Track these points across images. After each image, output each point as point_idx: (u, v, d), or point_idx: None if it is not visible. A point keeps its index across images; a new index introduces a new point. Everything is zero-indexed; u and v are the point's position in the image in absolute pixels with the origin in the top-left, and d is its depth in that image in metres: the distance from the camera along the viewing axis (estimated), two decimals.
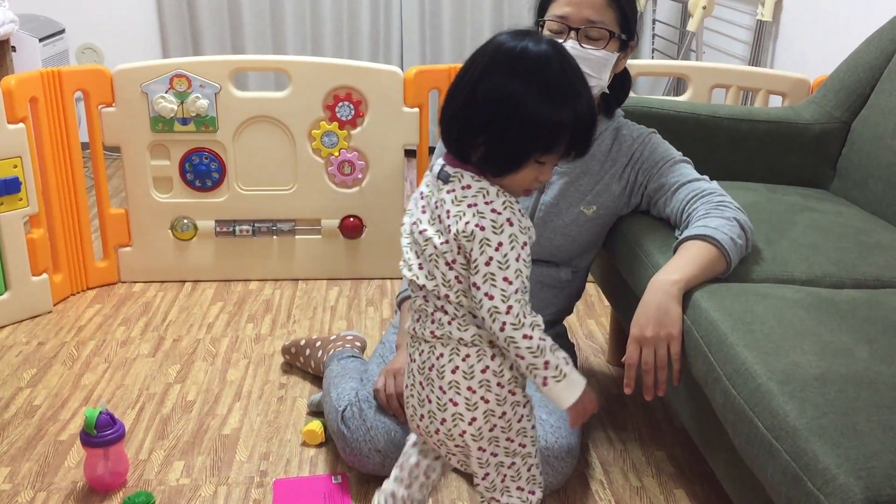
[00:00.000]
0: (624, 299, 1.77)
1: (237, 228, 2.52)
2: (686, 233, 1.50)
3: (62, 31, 3.42)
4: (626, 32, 1.59)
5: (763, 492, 1.15)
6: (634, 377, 1.42)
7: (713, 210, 1.53)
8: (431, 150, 2.60)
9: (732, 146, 1.99)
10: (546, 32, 1.59)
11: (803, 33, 2.77)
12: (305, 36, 3.79)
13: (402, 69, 3.34)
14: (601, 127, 1.70)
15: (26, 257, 2.25)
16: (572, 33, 1.55)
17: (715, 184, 1.63)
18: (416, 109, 2.43)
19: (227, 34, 3.72)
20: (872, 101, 1.94)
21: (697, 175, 1.65)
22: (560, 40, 1.54)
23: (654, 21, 3.71)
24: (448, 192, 1.13)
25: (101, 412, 1.58)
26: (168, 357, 2.12)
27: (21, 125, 2.16)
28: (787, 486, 1.03)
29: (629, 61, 1.71)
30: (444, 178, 1.14)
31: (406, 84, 2.41)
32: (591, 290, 2.48)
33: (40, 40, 3.17)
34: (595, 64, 1.56)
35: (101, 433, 1.58)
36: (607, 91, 1.65)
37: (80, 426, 1.78)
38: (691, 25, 3.00)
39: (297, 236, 2.54)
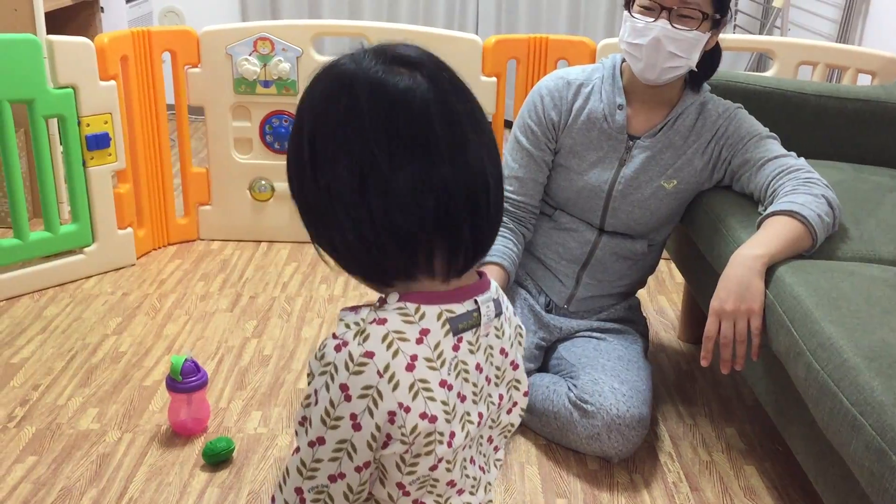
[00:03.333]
0: (701, 275, 1.76)
1: None
2: (772, 208, 1.49)
3: None
4: (719, 11, 1.56)
5: (842, 466, 1.14)
6: (712, 350, 1.42)
7: (801, 186, 1.51)
8: (507, 123, 2.60)
9: (819, 124, 1.95)
10: (636, 10, 1.57)
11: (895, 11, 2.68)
12: (381, 2, 3.81)
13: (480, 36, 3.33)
14: (686, 101, 1.68)
15: (113, 211, 2.33)
16: (664, 13, 1.53)
17: (803, 160, 1.60)
18: (494, 79, 2.43)
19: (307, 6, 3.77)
20: None
21: (784, 151, 1.63)
22: (651, 19, 1.53)
23: None
24: (506, 321, 0.81)
25: (186, 360, 1.65)
26: (245, 313, 2.19)
27: (112, 82, 2.23)
28: (870, 461, 1.02)
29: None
30: (499, 309, 0.79)
31: (485, 53, 2.41)
32: (663, 266, 2.46)
33: (127, 1, 3.25)
34: (685, 45, 1.55)
35: (186, 379, 1.64)
36: (695, 68, 1.63)
37: (164, 373, 1.86)
38: (777, 1, 2.93)
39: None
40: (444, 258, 0.72)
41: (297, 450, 0.74)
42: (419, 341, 0.71)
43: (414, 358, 0.70)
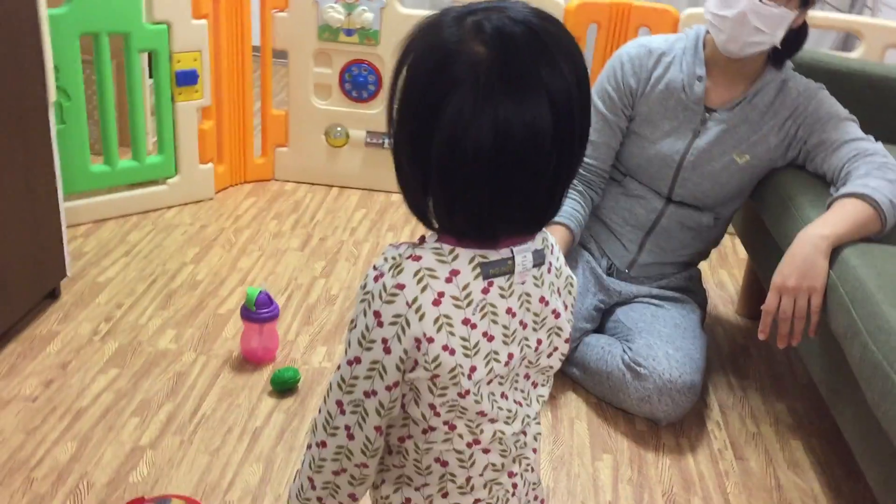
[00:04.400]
0: (766, 251, 1.78)
1: (386, 141, 2.63)
2: (843, 190, 1.50)
3: None
4: None
5: (888, 446, 1.18)
6: (770, 324, 1.45)
7: (875, 171, 1.52)
8: None
9: None
10: None
11: None
12: None
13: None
14: (767, 77, 1.69)
15: (196, 146, 2.43)
16: None
17: (880, 145, 1.60)
18: None
19: None
20: None
21: (863, 135, 1.62)
22: None
23: None
24: (548, 270, 0.83)
25: (260, 292, 1.74)
26: (314, 253, 2.28)
27: (204, 21, 2.31)
28: None
29: (798, 12, 1.65)
30: (540, 260, 0.81)
31: (567, 15, 2.42)
32: (727, 241, 2.47)
33: None
34: (771, 20, 1.54)
35: (260, 310, 1.73)
36: (779, 46, 1.62)
37: (237, 303, 1.97)
38: None
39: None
40: None
41: (339, 367, 0.81)
42: (448, 280, 0.76)
43: (441, 294, 0.75)
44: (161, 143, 2.38)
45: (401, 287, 0.75)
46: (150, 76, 2.47)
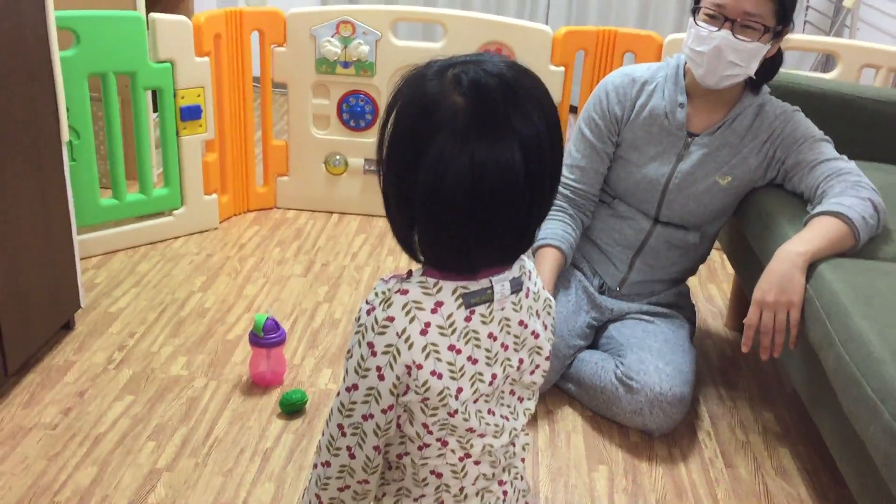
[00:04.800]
0: (749, 267, 1.86)
1: None
2: (819, 208, 1.58)
3: None
4: (781, 23, 1.64)
5: (863, 450, 1.25)
6: (752, 337, 1.53)
7: (849, 189, 1.60)
8: (573, 108, 2.70)
9: (875, 127, 2.02)
10: (701, 18, 1.66)
11: None
12: None
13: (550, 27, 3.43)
14: (745, 102, 1.78)
15: (201, 178, 2.52)
16: (727, 23, 1.62)
17: (853, 164, 1.69)
18: (562, 68, 2.54)
19: None
20: None
21: (837, 154, 1.71)
22: (714, 28, 1.63)
23: None
24: (525, 295, 0.92)
25: (267, 318, 1.82)
26: (318, 279, 2.36)
27: (206, 58, 2.40)
28: (886, 444, 1.13)
29: None
30: (517, 287, 0.90)
31: (554, 43, 2.52)
32: (715, 256, 2.55)
33: None
34: (745, 54, 1.64)
35: (267, 335, 1.81)
36: (753, 77, 1.71)
37: (245, 329, 2.04)
38: (848, 2, 2.96)
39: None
40: None
41: (339, 394, 0.89)
42: (434, 311, 0.84)
43: (427, 325, 0.84)
44: (167, 175, 2.46)
45: (391, 319, 0.84)
46: (154, 110, 2.56)
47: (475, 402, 0.87)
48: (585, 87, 2.56)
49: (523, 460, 0.98)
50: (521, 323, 0.89)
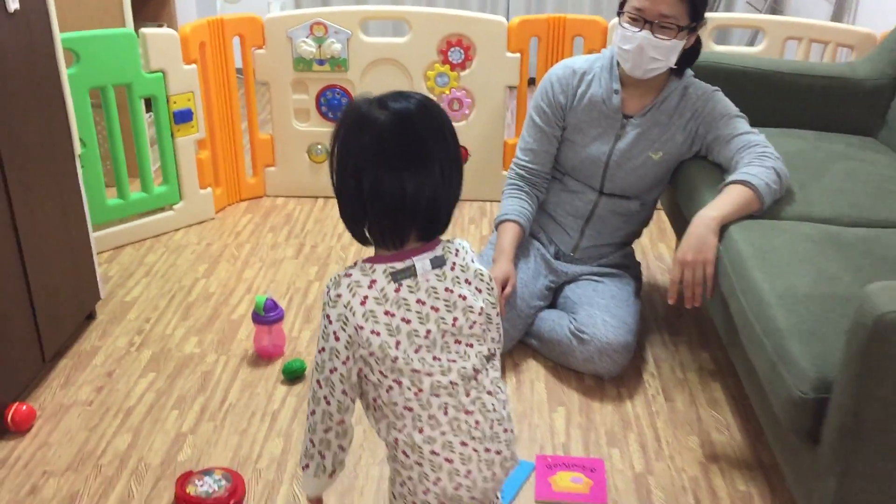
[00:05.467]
0: (683, 227, 2.14)
1: None
2: (730, 178, 1.86)
3: None
4: (694, 20, 1.90)
5: (758, 380, 1.54)
6: (677, 291, 1.82)
7: (755, 160, 1.87)
8: (532, 80, 2.94)
9: (793, 98, 2.29)
10: (625, 20, 1.92)
11: None
12: None
13: (508, 18, 3.66)
14: (671, 86, 2.04)
15: (196, 174, 2.78)
16: (647, 25, 1.88)
17: (762, 137, 1.96)
18: (518, 54, 2.79)
19: None
20: None
21: (749, 129, 1.98)
22: (637, 29, 1.88)
23: None
24: (451, 268, 1.16)
25: (267, 298, 2.09)
26: (308, 260, 2.63)
27: (194, 66, 2.64)
28: (768, 372, 1.42)
29: (711, 14, 1.99)
30: (440, 263, 1.15)
31: (510, 32, 2.77)
32: (664, 217, 2.83)
33: None
34: (664, 50, 1.90)
35: (268, 314, 2.09)
36: (673, 67, 1.97)
37: (247, 309, 2.32)
38: None
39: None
40: None
41: (315, 357, 1.19)
42: (370, 287, 1.12)
43: (365, 297, 1.12)
44: (165, 174, 2.72)
45: (339, 296, 1.13)
46: (147, 111, 2.79)
47: (416, 351, 1.15)
48: (541, 69, 2.81)
49: (493, 394, 1.21)
50: (447, 290, 1.17)
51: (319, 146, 2.98)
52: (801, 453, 1.38)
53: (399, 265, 1.13)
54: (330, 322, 1.13)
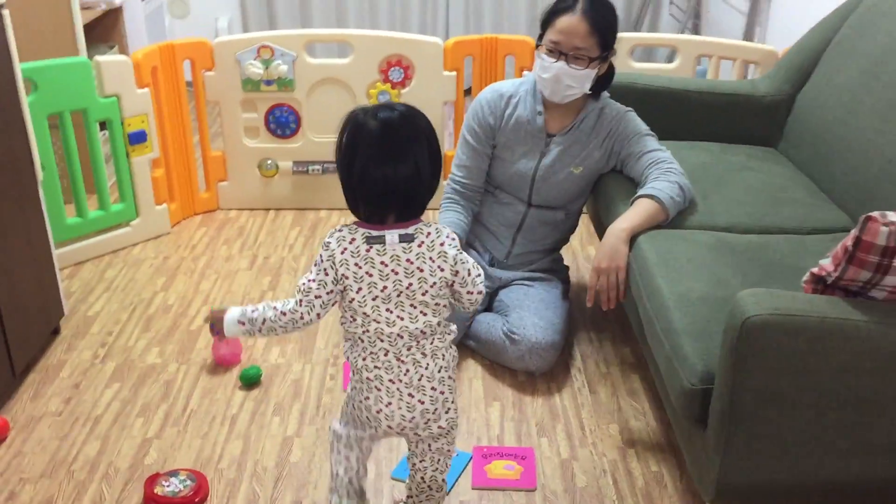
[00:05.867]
0: (603, 233, 2.35)
1: (310, 168, 3.14)
2: (639, 192, 2.08)
3: None
4: (604, 51, 2.11)
5: (659, 373, 1.76)
6: (594, 296, 2.04)
7: (662, 175, 2.09)
8: (467, 91, 3.13)
9: (700, 113, 2.52)
10: (544, 51, 2.12)
11: (793, 2, 3.20)
12: (363, 11, 4.32)
13: (447, 37, 3.84)
14: (588, 107, 2.25)
15: (151, 191, 2.92)
16: (562, 56, 2.09)
17: (669, 154, 2.18)
18: (454, 73, 2.98)
19: (297, 5, 4.29)
20: (813, 79, 2.43)
21: (657, 146, 2.20)
22: (553, 59, 2.09)
23: None
24: (418, 245, 1.42)
25: None
26: (261, 270, 2.79)
27: (146, 89, 2.78)
28: (666, 366, 1.64)
29: (631, 34, 2.23)
30: (408, 239, 1.42)
31: (445, 52, 2.96)
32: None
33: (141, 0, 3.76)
34: (579, 78, 2.11)
35: None
36: (588, 92, 2.19)
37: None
38: None
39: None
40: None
41: (303, 281, 1.47)
42: (351, 242, 1.42)
43: (345, 249, 1.42)
44: (122, 192, 2.85)
45: (329, 244, 1.44)
46: (102, 129, 2.92)
47: (374, 299, 1.44)
48: (476, 86, 3.01)
49: (427, 356, 1.48)
50: (408, 260, 1.43)
51: (269, 161, 3.13)
52: (694, 437, 1.60)
53: (374, 233, 1.43)
54: (322, 261, 1.44)
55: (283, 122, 3.07)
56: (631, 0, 4.29)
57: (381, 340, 1.47)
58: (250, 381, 2.21)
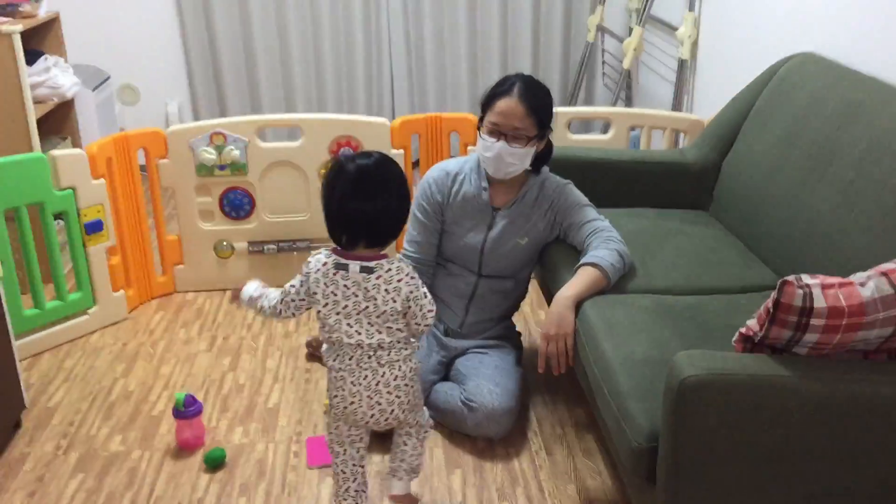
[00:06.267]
0: (551, 299, 2.47)
1: (265, 247, 3.22)
2: (582, 260, 2.20)
3: (108, 78, 4.09)
4: (541, 131, 2.26)
5: (608, 431, 1.86)
6: (545, 361, 2.14)
7: (602, 244, 2.23)
8: (416, 163, 3.25)
9: (635, 181, 2.68)
10: (485, 132, 2.26)
11: (715, 73, 3.42)
12: (311, 95, 4.47)
13: (393, 116, 4.00)
14: (530, 182, 2.38)
15: (108, 278, 2.96)
16: (502, 136, 2.23)
17: (608, 223, 2.31)
18: (402, 150, 3.11)
19: (247, 91, 4.43)
20: (735, 147, 2.62)
21: (596, 216, 2.34)
22: (494, 139, 2.23)
23: (602, 51, 4.36)
24: (376, 277, 1.73)
25: (186, 395, 2.30)
26: (221, 351, 2.84)
27: (102, 180, 2.85)
28: (614, 427, 1.73)
29: (567, 109, 2.42)
30: (367, 270, 1.73)
31: (392, 131, 3.09)
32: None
33: (93, 90, 3.84)
34: (519, 156, 2.25)
35: (188, 409, 2.29)
36: (529, 168, 2.33)
37: (167, 405, 2.51)
38: (626, 63, 3.66)
39: (312, 252, 3.24)
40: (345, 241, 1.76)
41: (286, 288, 1.82)
42: (324, 265, 1.75)
43: (318, 269, 1.75)
44: (79, 281, 2.89)
45: (309, 263, 1.77)
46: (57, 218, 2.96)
47: (336, 314, 1.76)
48: (424, 164, 3.14)
49: (383, 366, 1.78)
50: (365, 288, 1.74)
51: (225, 243, 3.20)
52: (645, 492, 1.69)
53: (342, 261, 1.75)
54: (302, 275, 1.79)
55: (237, 205, 3.16)
56: (566, 74, 4.51)
57: (343, 347, 1.78)
58: (215, 464, 2.24)
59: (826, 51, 2.53)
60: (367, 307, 1.73)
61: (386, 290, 1.73)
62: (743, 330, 1.58)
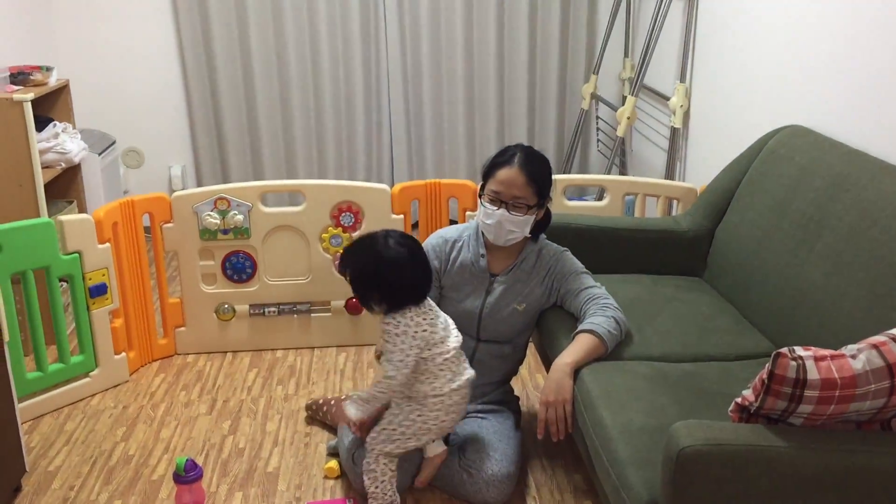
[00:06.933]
0: (548, 364, 2.50)
1: (266, 310, 3.26)
2: (579, 327, 2.25)
3: (113, 143, 4.17)
4: (541, 199, 2.33)
5: (609, 501, 1.88)
6: (544, 428, 2.16)
7: (599, 311, 2.27)
8: (415, 225, 3.32)
9: (631, 249, 2.74)
10: (486, 200, 2.33)
11: (707, 141, 3.52)
12: (312, 161, 4.57)
13: (393, 183, 4.08)
14: (528, 248, 2.44)
15: (111, 341, 2.99)
16: (503, 205, 2.30)
17: (604, 289, 2.37)
18: (402, 216, 3.18)
19: (249, 155, 4.53)
20: (728, 215, 2.69)
21: (593, 283, 2.39)
22: (495, 207, 2.30)
23: (597, 118, 4.48)
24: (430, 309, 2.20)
25: (187, 459, 2.31)
26: (221, 414, 2.85)
27: (107, 244, 2.90)
28: (613, 496, 1.76)
29: (564, 176, 2.55)
30: (429, 310, 2.21)
31: (393, 197, 3.16)
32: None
33: (99, 154, 3.92)
34: (519, 224, 2.32)
35: (188, 474, 2.30)
36: (528, 235, 2.39)
37: (167, 469, 2.52)
38: (620, 131, 3.76)
39: (312, 314, 3.29)
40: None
41: (392, 359, 2.18)
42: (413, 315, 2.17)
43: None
44: (81, 344, 2.92)
45: (405, 323, 2.17)
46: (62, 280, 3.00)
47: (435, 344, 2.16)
48: (423, 230, 3.20)
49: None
50: (432, 322, 2.17)
51: (226, 306, 3.24)
52: None
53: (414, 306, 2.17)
54: (407, 340, 2.14)
55: (239, 268, 3.21)
56: (561, 140, 4.62)
57: (442, 369, 2.23)
58: None
59: (813, 123, 2.62)
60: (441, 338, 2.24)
61: (441, 321, 2.25)
62: (739, 400, 1.62)
